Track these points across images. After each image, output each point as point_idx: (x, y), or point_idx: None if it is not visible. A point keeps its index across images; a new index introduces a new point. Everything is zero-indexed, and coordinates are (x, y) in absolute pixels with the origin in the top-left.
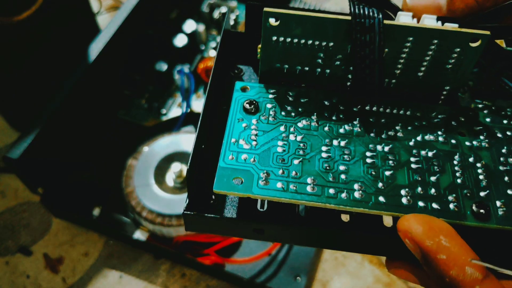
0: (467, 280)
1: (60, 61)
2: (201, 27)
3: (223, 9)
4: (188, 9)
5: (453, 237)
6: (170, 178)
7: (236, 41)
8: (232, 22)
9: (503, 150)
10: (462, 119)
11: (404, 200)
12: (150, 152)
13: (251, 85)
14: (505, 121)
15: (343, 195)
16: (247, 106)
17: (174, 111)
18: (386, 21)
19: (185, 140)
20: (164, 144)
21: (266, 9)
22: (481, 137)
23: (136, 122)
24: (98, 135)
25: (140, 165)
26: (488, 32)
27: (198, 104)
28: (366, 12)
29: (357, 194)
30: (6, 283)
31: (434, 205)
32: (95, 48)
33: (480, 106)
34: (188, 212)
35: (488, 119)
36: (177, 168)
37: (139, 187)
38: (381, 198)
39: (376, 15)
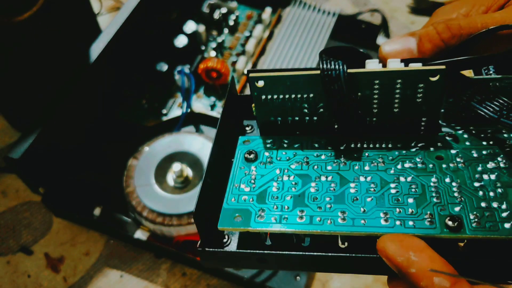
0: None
1: (61, 62)
2: (201, 28)
3: (223, 10)
4: (189, 10)
5: (423, 251)
6: (170, 178)
7: (242, 101)
8: (232, 23)
9: (479, 168)
10: (440, 145)
11: (382, 221)
12: (151, 152)
13: (252, 138)
14: (483, 143)
15: (328, 221)
16: (247, 156)
17: (175, 111)
18: (350, 70)
19: (185, 140)
20: (165, 144)
21: (251, 74)
22: (458, 159)
23: (137, 122)
24: (99, 135)
25: (140, 165)
26: (443, 67)
27: (198, 104)
28: (332, 66)
29: (340, 220)
30: (8, 282)
31: (410, 223)
32: (96, 49)
33: (459, 131)
34: (200, 249)
35: (466, 143)
36: (178, 168)
37: (139, 187)
38: (362, 221)
39: (340, 66)
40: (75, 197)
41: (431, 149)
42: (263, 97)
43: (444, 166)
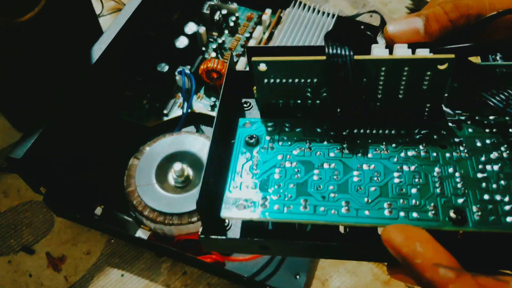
0: (441, 281)
1: (63, 62)
2: (202, 29)
3: (224, 11)
4: (189, 11)
5: (428, 243)
6: (171, 178)
7: (242, 78)
8: (232, 24)
9: (482, 159)
10: (444, 132)
11: (386, 212)
12: (152, 152)
13: (252, 120)
14: (487, 130)
15: (332, 211)
16: (249, 140)
17: (175, 111)
18: (357, 57)
19: (186, 140)
20: (166, 144)
21: (254, 58)
22: (461, 148)
23: (138, 123)
24: (100, 135)
25: (141, 165)
26: (452, 56)
27: (199, 104)
28: (339, 52)
29: (344, 210)
30: (9, 281)
31: (414, 214)
32: (98, 49)
33: (462, 118)
34: (202, 236)
35: (469, 130)
36: (178, 168)
37: (140, 186)
38: (366, 212)
39: (347, 53)
40: (76, 197)
41: (435, 136)
42: (265, 80)
43: (447, 155)
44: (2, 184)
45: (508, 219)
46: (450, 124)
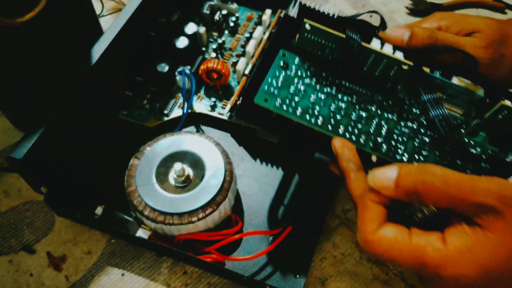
0: (347, 169)
1: (63, 63)
2: (202, 29)
3: (224, 11)
4: (190, 11)
5: (351, 150)
6: (171, 178)
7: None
8: (232, 24)
9: (404, 120)
10: (390, 102)
11: (341, 129)
12: (152, 152)
13: (288, 53)
14: (416, 107)
15: (319, 120)
16: (282, 64)
17: (176, 111)
18: (363, 43)
19: (186, 140)
20: (166, 144)
21: (305, 20)
22: (396, 109)
23: (138, 123)
24: (100, 135)
25: (142, 165)
26: (411, 63)
27: (199, 105)
28: (353, 36)
29: (320, 122)
30: (10, 281)
31: (353, 137)
32: (98, 50)
33: (403, 95)
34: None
35: (406, 102)
36: (179, 168)
37: (141, 186)
38: (329, 126)
39: (358, 39)
40: (77, 197)
41: (384, 103)
42: (306, 34)
43: (390, 109)
44: (3, 183)
45: (401, 158)
46: (400, 96)
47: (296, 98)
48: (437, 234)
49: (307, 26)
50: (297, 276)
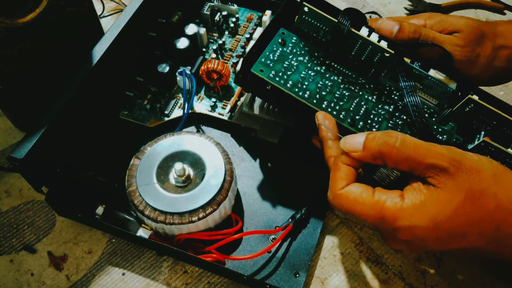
0: (326, 138)
1: (64, 63)
2: (202, 30)
3: (224, 12)
4: (190, 12)
5: (331, 121)
6: (172, 177)
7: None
8: (232, 25)
9: (380, 104)
10: (372, 86)
11: (324, 104)
12: (153, 152)
13: (287, 32)
14: (395, 93)
15: (306, 94)
16: (281, 41)
17: (176, 112)
18: (352, 29)
19: (186, 140)
20: (166, 144)
21: (305, 3)
22: (376, 92)
23: (139, 123)
24: (101, 135)
25: (142, 165)
26: (392, 51)
27: (199, 105)
28: (344, 22)
29: (316, 96)
30: (11, 280)
31: (334, 112)
32: (99, 50)
33: (385, 81)
34: (240, 75)
35: (387, 87)
36: (179, 167)
37: (141, 186)
38: (315, 100)
39: (347, 24)
40: (78, 196)
41: (366, 86)
42: (304, 16)
43: (371, 92)
44: (4, 183)
45: (369, 131)
46: (383, 82)
47: (289, 72)
48: (397, 191)
49: (306, 9)
50: (297, 275)
